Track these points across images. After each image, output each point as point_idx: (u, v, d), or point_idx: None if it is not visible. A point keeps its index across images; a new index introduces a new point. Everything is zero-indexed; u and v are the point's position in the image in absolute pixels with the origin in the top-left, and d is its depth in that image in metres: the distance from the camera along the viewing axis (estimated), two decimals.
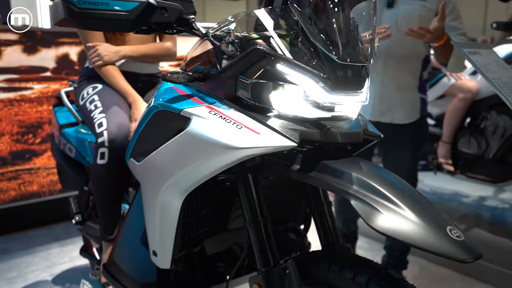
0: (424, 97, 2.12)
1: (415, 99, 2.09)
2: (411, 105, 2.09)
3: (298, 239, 1.47)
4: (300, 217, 1.46)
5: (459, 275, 2.37)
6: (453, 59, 1.92)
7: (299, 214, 1.45)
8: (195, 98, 1.04)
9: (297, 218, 1.46)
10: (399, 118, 2.06)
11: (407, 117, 2.07)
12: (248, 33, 0.97)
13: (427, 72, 2.12)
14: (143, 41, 1.88)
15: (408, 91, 2.08)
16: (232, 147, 0.91)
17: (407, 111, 2.08)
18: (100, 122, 1.57)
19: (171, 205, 1.10)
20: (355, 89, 0.95)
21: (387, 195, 0.83)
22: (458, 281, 2.33)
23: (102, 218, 1.63)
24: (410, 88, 2.09)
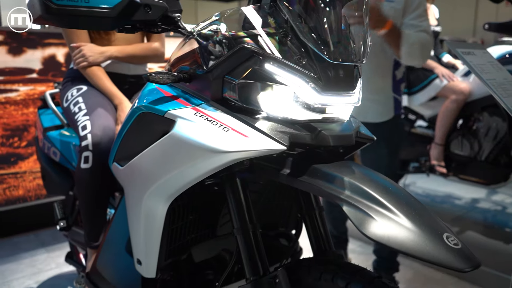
0: (397, 97, 2.12)
1: (389, 99, 2.09)
2: (384, 105, 2.09)
3: (289, 245, 1.43)
4: (291, 222, 1.42)
5: (451, 278, 2.35)
6: (405, 48, 1.86)
7: (290, 219, 1.41)
8: (180, 99, 1.00)
9: (288, 223, 1.42)
10: (372, 117, 2.06)
11: (380, 116, 2.08)
12: (235, 31, 0.93)
13: (400, 71, 2.11)
14: (130, 42, 1.83)
15: (381, 92, 2.08)
16: (218, 150, 0.87)
17: (381, 110, 2.08)
18: (84, 124, 1.52)
19: (155, 211, 1.05)
20: (347, 90, 0.92)
21: (381, 201, 0.80)
22: (451, 284, 2.31)
23: (86, 224, 1.57)
24: (383, 89, 2.09)
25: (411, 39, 1.86)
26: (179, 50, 1.05)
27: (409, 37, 1.86)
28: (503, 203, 3.29)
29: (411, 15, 1.93)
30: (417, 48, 1.87)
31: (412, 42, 1.85)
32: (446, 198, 3.51)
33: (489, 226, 3.03)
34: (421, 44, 1.87)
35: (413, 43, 1.85)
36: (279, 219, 1.40)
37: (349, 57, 0.90)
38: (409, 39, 1.86)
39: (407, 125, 3.19)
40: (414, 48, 1.87)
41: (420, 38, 1.88)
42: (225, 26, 0.94)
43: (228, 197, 1.03)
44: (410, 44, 1.86)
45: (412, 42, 1.85)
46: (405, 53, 1.88)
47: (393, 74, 2.09)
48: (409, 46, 1.86)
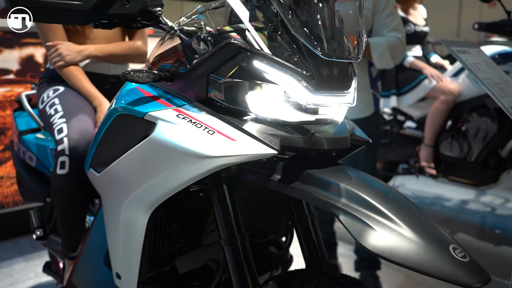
0: (375, 93, 2.12)
1: (368, 96, 2.09)
2: (365, 101, 2.08)
3: (280, 253, 1.36)
4: (281, 229, 1.35)
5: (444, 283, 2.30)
6: (375, 56, 1.88)
7: (280, 226, 1.35)
8: (161, 100, 0.92)
9: (278, 230, 1.35)
10: (353, 113, 2.05)
11: (361, 111, 2.07)
12: (221, 25, 0.86)
13: (375, 68, 2.11)
14: (110, 40, 1.74)
15: (361, 88, 2.07)
16: (203, 155, 0.79)
17: (361, 106, 2.07)
18: (60, 127, 1.42)
19: (135, 221, 0.97)
20: (341, 89, 0.85)
21: (380, 209, 0.74)
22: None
23: (63, 234, 1.48)
24: (362, 86, 2.08)
25: (379, 47, 1.86)
26: (160, 46, 0.97)
27: (377, 46, 1.86)
28: (493, 205, 3.27)
29: (381, 15, 1.93)
30: (388, 54, 1.88)
31: (382, 50, 1.86)
32: (435, 200, 3.48)
33: (479, 228, 3.01)
34: (391, 48, 1.88)
35: (384, 51, 1.87)
36: (269, 226, 1.34)
37: (343, 54, 0.84)
38: (378, 48, 1.86)
39: (396, 126, 3.15)
40: (385, 55, 1.88)
41: (389, 42, 1.88)
42: (209, 20, 0.87)
43: (214, 205, 0.96)
44: (381, 52, 1.87)
45: (382, 50, 1.86)
46: (377, 61, 1.90)
47: (369, 71, 2.09)
48: (380, 54, 1.88)
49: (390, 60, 1.91)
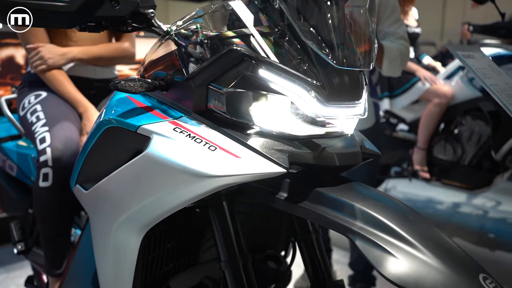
0: (376, 101, 2.05)
1: (370, 106, 2.00)
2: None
3: (279, 269, 1.29)
4: (280, 244, 1.28)
5: None
6: (387, 63, 1.77)
7: (279, 240, 1.28)
8: (156, 111, 0.84)
9: (277, 244, 1.28)
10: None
11: (363, 123, 1.99)
12: (222, 30, 0.78)
13: (376, 76, 2.05)
14: (96, 42, 1.64)
15: None
16: (204, 174, 0.72)
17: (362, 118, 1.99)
18: (43, 137, 1.33)
19: (127, 244, 0.88)
20: (352, 100, 0.79)
21: (401, 234, 0.68)
22: None
23: (47, 250, 1.38)
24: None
25: (392, 53, 1.77)
26: (154, 52, 0.89)
27: (391, 52, 1.77)
28: (485, 207, 3.26)
29: (387, 22, 1.84)
30: (399, 61, 1.78)
31: (394, 56, 1.76)
32: (427, 203, 3.45)
33: (472, 231, 2.98)
34: (401, 55, 1.79)
35: (395, 58, 1.76)
36: (267, 240, 1.26)
37: (356, 61, 0.77)
38: (391, 54, 1.77)
39: (388, 129, 3.11)
40: (396, 62, 1.78)
41: (400, 50, 1.80)
42: (209, 24, 0.79)
43: (214, 224, 0.89)
44: (392, 59, 1.76)
45: (394, 57, 1.76)
46: (387, 68, 1.79)
47: (370, 79, 2.01)
48: (391, 61, 1.77)
49: (399, 68, 1.81)
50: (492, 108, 2.56)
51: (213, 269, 1.20)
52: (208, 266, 1.17)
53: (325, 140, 0.79)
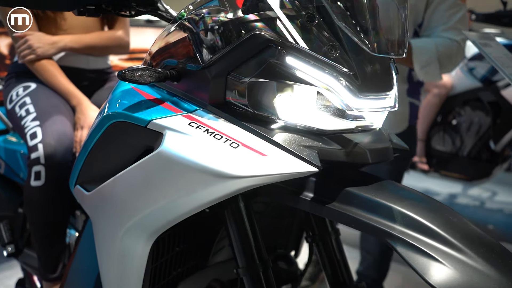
0: (414, 102, 1.69)
1: (404, 107, 1.65)
2: (398, 114, 1.61)
3: (290, 269, 1.23)
4: (291, 243, 1.21)
5: None
6: (417, 67, 1.43)
7: (290, 239, 1.21)
8: (167, 104, 0.76)
9: (287, 244, 1.21)
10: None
11: (392, 127, 1.59)
12: (243, 13, 0.70)
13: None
14: (88, 30, 1.54)
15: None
16: (227, 175, 0.64)
17: (393, 120, 1.61)
18: (34, 132, 1.23)
19: (135, 250, 0.80)
20: (384, 90, 0.72)
21: (447, 238, 0.62)
22: None
23: (41, 253, 1.29)
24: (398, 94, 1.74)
25: (425, 55, 1.40)
26: (164, 38, 0.80)
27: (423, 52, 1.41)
28: (481, 198, 3.25)
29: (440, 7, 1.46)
30: (436, 64, 1.41)
31: (428, 59, 1.40)
32: None
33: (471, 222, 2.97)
34: (441, 57, 1.42)
35: (430, 60, 1.40)
36: (278, 240, 1.20)
37: (391, 47, 0.70)
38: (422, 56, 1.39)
39: None
40: (432, 66, 1.41)
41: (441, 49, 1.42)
42: (228, 6, 0.71)
43: (230, 227, 0.81)
44: (427, 62, 1.40)
45: (429, 59, 1.40)
46: (420, 73, 1.44)
47: (409, 75, 1.64)
48: (425, 65, 1.40)
49: (438, 72, 1.44)
50: (492, 98, 2.53)
51: (221, 271, 1.13)
52: (217, 268, 1.11)
53: (355, 135, 0.73)
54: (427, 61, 1.42)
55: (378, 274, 1.87)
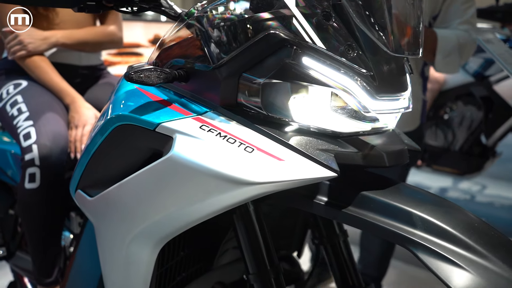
0: (425, 99, 1.69)
1: (417, 104, 1.61)
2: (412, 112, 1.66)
3: (293, 270, 1.21)
4: (294, 244, 1.20)
5: None
6: (441, 56, 1.43)
7: (293, 240, 1.19)
8: (175, 105, 0.72)
9: (290, 244, 1.19)
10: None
11: (405, 125, 1.58)
12: (257, 11, 0.67)
13: (429, 67, 1.68)
14: (80, 24, 1.49)
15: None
16: (244, 181, 0.62)
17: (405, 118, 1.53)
18: (27, 132, 1.18)
19: (141, 257, 0.78)
20: (399, 91, 0.70)
21: (470, 244, 0.61)
22: (437, 283, 2.20)
23: (36, 257, 1.25)
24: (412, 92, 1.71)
25: (449, 45, 1.40)
26: (170, 37, 0.77)
27: (447, 43, 1.41)
28: (471, 192, 3.29)
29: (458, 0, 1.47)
30: (457, 55, 1.41)
31: (451, 48, 1.40)
32: None
33: None
34: (461, 47, 1.43)
35: (452, 50, 1.40)
36: (281, 241, 1.18)
37: (408, 47, 0.68)
38: (447, 45, 1.40)
39: None
40: (453, 56, 1.41)
41: (461, 39, 1.42)
42: (241, 3, 0.68)
43: (239, 231, 0.79)
44: (449, 51, 1.40)
45: (451, 49, 1.40)
46: (441, 63, 1.44)
47: (422, 71, 1.62)
48: (447, 54, 1.40)
49: (458, 64, 1.44)
50: (484, 93, 2.54)
51: (225, 273, 1.11)
52: (221, 271, 1.08)
53: (371, 138, 0.71)
54: (450, 51, 1.42)
55: (378, 273, 1.87)
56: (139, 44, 3.15)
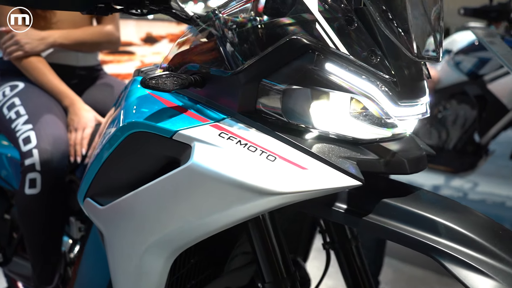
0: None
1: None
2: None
3: (300, 274, 1.20)
4: (300, 248, 1.19)
5: (434, 275, 2.28)
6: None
7: (300, 244, 1.18)
8: (191, 112, 0.70)
9: (297, 249, 1.19)
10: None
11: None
12: (278, 16, 0.65)
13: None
14: (77, 23, 1.45)
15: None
16: (267, 191, 0.60)
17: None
18: (27, 136, 1.15)
19: (155, 268, 0.75)
20: (419, 97, 0.69)
21: (496, 252, 0.61)
22: (435, 282, 2.23)
23: (36, 264, 1.21)
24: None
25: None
26: (185, 41, 0.75)
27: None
28: (463, 189, 3.32)
29: None
30: None
31: None
32: None
33: None
34: None
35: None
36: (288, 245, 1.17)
37: (431, 51, 0.67)
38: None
39: None
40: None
41: None
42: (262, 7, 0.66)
43: (254, 239, 0.78)
44: None
45: None
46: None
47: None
48: None
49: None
50: (478, 92, 2.56)
51: (234, 279, 1.09)
52: (230, 277, 1.07)
53: (391, 144, 0.70)
54: None
55: (375, 268, 1.91)
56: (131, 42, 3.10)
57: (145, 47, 3.28)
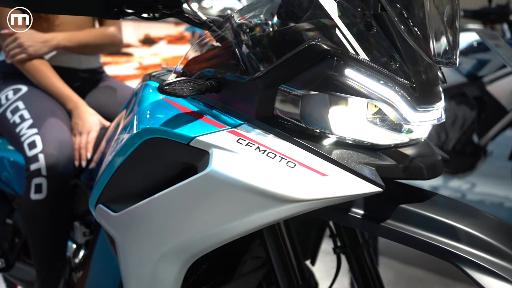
0: None
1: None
2: None
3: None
4: (308, 252, 1.18)
5: (434, 275, 2.28)
6: None
7: (308, 248, 1.18)
8: (207, 117, 0.70)
9: (305, 252, 1.18)
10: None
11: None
12: (297, 22, 0.65)
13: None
14: (79, 25, 1.44)
15: None
16: (288, 199, 0.59)
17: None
18: (32, 141, 1.13)
19: (169, 276, 0.75)
20: (436, 102, 0.69)
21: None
22: (435, 282, 2.24)
23: (41, 270, 1.20)
24: None
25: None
26: (200, 46, 0.74)
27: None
28: (461, 190, 3.34)
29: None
30: None
31: None
32: None
33: None
34: None
35: None
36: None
37: (450, 56, 0.67)
38: None
39: None
40: None
41: None
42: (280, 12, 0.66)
43: (269, 245, 0.78)
44: None
45: None
46: None
47: None
48: None
49: None
50: (477, 93, 2.57)
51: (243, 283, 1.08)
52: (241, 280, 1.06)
53: (409, 150, 0.69)
54: None
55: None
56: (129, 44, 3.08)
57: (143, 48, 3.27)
